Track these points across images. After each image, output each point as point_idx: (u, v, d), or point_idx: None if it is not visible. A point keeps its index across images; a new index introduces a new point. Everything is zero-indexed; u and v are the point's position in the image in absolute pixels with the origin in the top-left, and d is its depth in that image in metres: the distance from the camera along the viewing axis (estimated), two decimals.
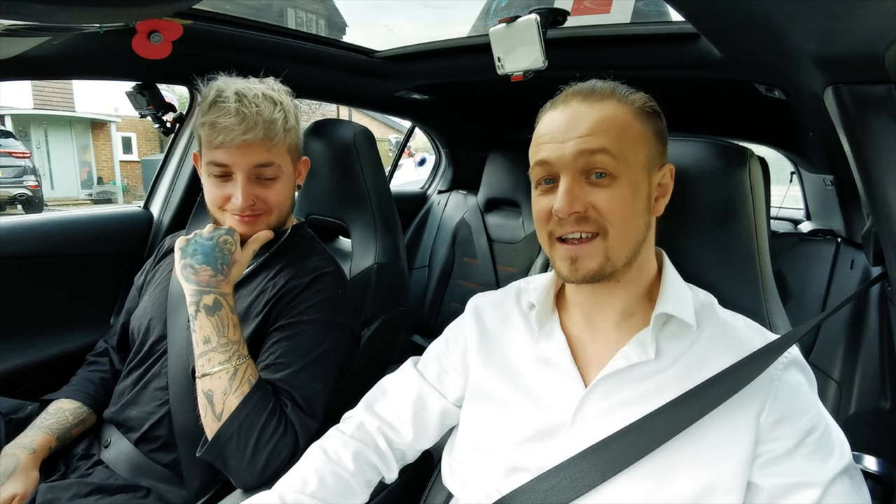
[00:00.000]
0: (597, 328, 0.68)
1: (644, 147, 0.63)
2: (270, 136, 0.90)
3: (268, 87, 0.94)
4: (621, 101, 0.63)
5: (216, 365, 0.82)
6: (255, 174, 0.92)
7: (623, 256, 0.62)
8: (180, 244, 0.89)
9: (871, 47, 0.54)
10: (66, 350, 1.29)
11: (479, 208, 2.18)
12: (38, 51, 1.00)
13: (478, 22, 1.56)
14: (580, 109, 0.62)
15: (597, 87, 0.64)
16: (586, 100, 0.63)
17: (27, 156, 9.15)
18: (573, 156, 0.61)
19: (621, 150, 0.60)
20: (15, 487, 0.85)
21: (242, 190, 0.90)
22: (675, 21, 1.12)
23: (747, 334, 0.63)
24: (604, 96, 0.63)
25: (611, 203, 0.60)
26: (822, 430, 0.57)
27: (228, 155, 0.89)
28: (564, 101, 0.65)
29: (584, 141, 0.60)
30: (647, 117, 0.64)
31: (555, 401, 0.65)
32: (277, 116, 0.91)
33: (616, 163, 0.60)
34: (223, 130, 0.87)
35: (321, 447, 0.75)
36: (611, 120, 0.61)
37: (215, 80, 0.94)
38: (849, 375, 1.44)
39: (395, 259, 1.20)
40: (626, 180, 0.61)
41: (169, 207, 1.52)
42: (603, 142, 0.60)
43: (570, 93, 0.65)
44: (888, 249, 0.65)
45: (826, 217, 1.91)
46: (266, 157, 0.91)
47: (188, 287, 0.86)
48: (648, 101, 0.66)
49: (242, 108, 0.87)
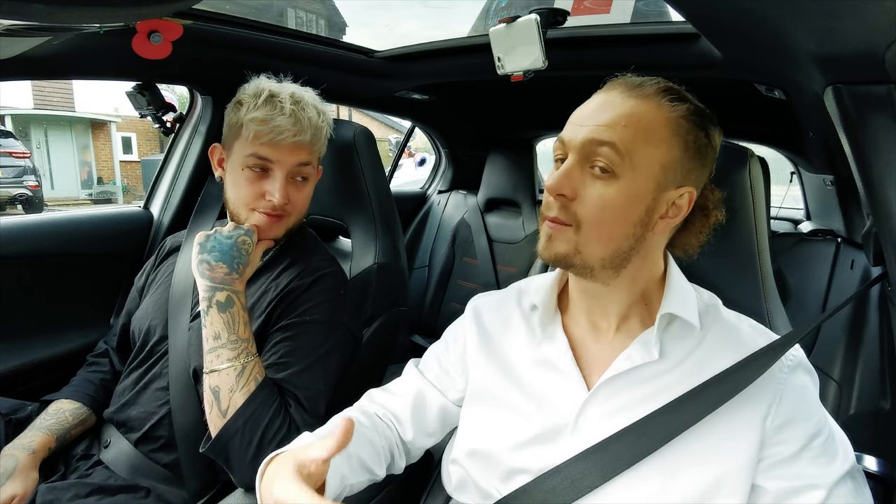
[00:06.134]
0: (599, 330, 0.67)
1: (662, 156, 0.59)
2: (315, 142, 0.96)
3: (315, 97, 1.00)
4: (661, 103, 0.60)
5: (224, 361, 0.83)
6: (294, 173, 0.95)
7: (596, 257, 0.60)
8: (200, 239, 0.90)
9: (871, 47, 0.54)
10: (66, 350, 1.29)
11: (479, 208, 2.18)
12: (38, 51, 1.00)
13: (478, 22, 1.56)
14: (614, 99, 0.60)
15: (647, 83, 0.62)
16: (627, 91, 0.61)
17: (27, 156, 9.15)
18: (582, 142, 0.59)
19: (632, 151, 0.57)
20: (14, 488, 0.85)
21: (281, 187, 0.93)
22: (675, 21, 1.12)
23: (751, 336, 0.63)
24: (646, 95, 0.60)
25: (598, 199, 0.58)
26: (827, 433, 0.57)
27: (275, 152, 0.92)
28: (608, 88, 0.63)
29: (598, 130, 0.58)
30: (686, 128, 0.60)
31: (557, 404, 0.65)
32: (322, 125, 0.98)
33: (620, 162, 0.57)
34: (276, 129, 0.91)
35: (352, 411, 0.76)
36: (635, 117, 0.58)
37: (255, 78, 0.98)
38: (849, 375, 1.44)
39: (395, 259, 1.20)
40: (626, 184, 0.58)
41: (169, 207, 1.52)
42: (615, 136, 0.57)
43: (619, 81, 0.63)
44: (888, 249, 0.65)
45: (826, 217, 1.91)
46: (308, 157, 0.96)
47: (202, 282, 0.87)
48: (698, 113, 0.61)
49: (298, 112, 0.93)
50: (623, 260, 0.61)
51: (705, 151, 0.62)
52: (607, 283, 0.63)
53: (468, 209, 2.22)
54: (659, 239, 0.64)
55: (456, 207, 2.29)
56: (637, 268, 0.64)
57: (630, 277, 0.64)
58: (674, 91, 0.61)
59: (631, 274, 0.64)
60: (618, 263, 0.62)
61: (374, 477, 0.70)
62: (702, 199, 0.65)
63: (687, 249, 0.67)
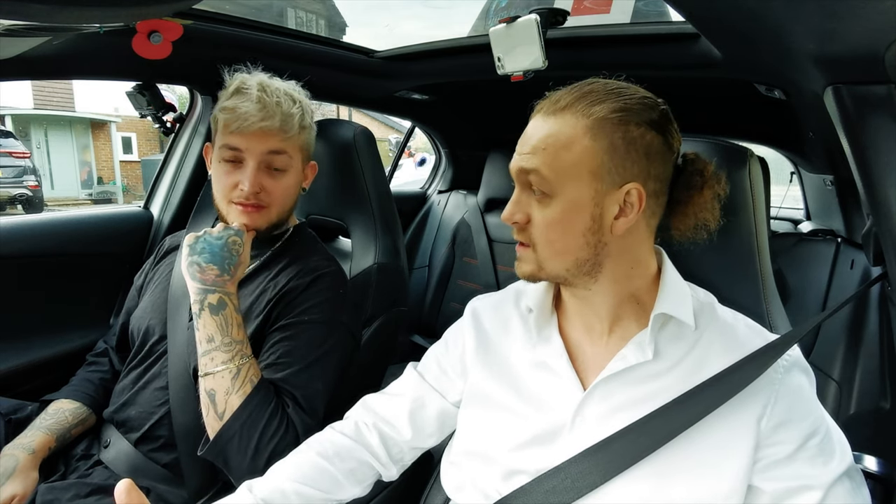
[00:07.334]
0: (594, 332, 0.67)
1: (589, 165, 0.59)
2: (286, 129, 0.93)
3: (290, 86, 0.98)
4: (578, 113, 0.60)
5: (219, 364, 0.82)
6: (266, 162, 0.94)
7: (560, 269, 0.63)
8: (189, 241, 0.90)
9: (871, 47, 0.54)
10: (65, 350, 1.29)
11: (479, 208, 2.18)
12: (38, 51, 1.00)
13: (478, 22, 1.56)
14: (536, 125, 0.63)
15: (562, 98, 0.62)
16: (546, 113, 0.63)
17: (27, 156, 9.15)
18: (516, 171, 0.64)
19: (557, 170, 0.60)
20: (14, 488, 0.85)
21: (251, 175, 0.92)
22: (675, 21, 1.12)
23: (748, 336, 0.63)
24: (562, 109, 0.61)
25: (542, 220, 0.62)
26: (823, 433, 0.57)
27: (244, 140, 0.92)
28: (535, 113, 0.65)
29: (524, 159, 0.62)
30: (607, 130, 0.59)
31: (554, 405, 0.65)
32: (295, 112, 0.95)
33: (549, 184, 0.60)
34: (242, 115, 0.90)
35: (309, 441, 0.76)
36: (551, 138, 0.60)
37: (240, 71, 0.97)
38: (849, 375, 1.44)
39: (395, 259, 1.20)
40: (562, 202, 0.60)
41: (169, 207, 1.52)
42: (537, 162, 0.60)
43: (542, 103, 0.65)
44: (888, 249, 0.65)
45: (826, 217, 1.91)
46: (280, 145, 0.94)
47: (193, 285, 0.86)
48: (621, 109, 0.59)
49: (264, 97, 0.91)
50: (591, 267, 0.62)
51: (639, 143, 0.59)
52: (588, 288, 0.65)
53: (468, 209, 2.22)
54: (630, 239, 0.63)
55: (456, 207, 2.29)
56: (615, 270, 0.63)
57: (610, 280, 0.64)
58: (593, 94, 0.61)
59: (610, 277, 0.64)
60: (587, 270, 0.63)
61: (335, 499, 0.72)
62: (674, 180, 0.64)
63: (685, 233, 0.67)
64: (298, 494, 0.68)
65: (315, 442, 0.75)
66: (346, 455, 0.73)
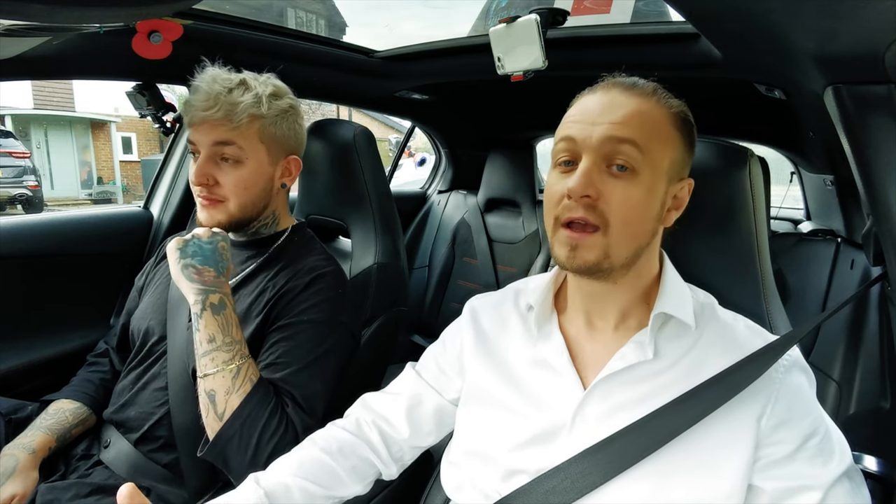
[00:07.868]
0: (595, 329, 0.67)
1: (671, 152, 0.61)
2: (231, 117, 0.90)
3: (254, 77, 0.96)
4: (660, 101, 0.61)
5: (220, 364, 0.82)
6: (216, 153, 0.93)
7: (623, 256, 0.60)
8: (178, 244, 0.89)
9: (871, 47, 0.54)
10: (66, 350, 1.29)
11: (479, 208, 2.18)
12: (38, 51, 1.00)
13: (478, 22, 1.56)
14: (619, 98, 0.61)
15: (639, 82, 0.63)
16: (627, 91, 0.61)
17: (27, 156, 9.15)
18: (600, 140, 0.58)
19: (649, 147, 0.58)
20: (14, 488, 0.85)
21: (197, 167, 0.91)
22: (675, 21, 1.12)
23: (747, 336, 0.63)
24: (645, 93, 0.61)
25: (624, 198, 0.58)
26: (822, 433, 0.57)
27: (194, 132, 0.92)
28: (605, 88, 0.63)
29: (616, 127, 0.58)
30: (681, 124, 0.62)
31: (554, 404, 0.65)
32: (245, 100, 0.91)
33: (641, 158, 0.58)
34: (191, 108, 0.91)
35: (313, 436, 0.76)
36: (646, 115, 0.59)
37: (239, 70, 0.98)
38: (849, 375, 1.44)
39: (395, 259, 1.20)
40: (646, 180, 0.58)
41: (169, 207, 1.52)
42: (634, 133, 0.58)
43: (613, 82, 0.64)
44: (888, 249, 0.65)
45: (826, 217, 1.91)
46: (227, 135, 0.91)
47: (192, 286, 0.86)
48: (686, 109, 0.64)
49: (210, 88, 0.90)
50: (636, 257, 0.62)
51: (693, 145, 0.65)
52: (616, 282, 0.63)
53: (468, 209, 2.22)
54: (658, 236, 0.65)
55: (456, 207, 2.29)
56: (643, 263, 0.65)
57: (636, 274, 0.65)
58: (664, 90, 0.64)
59: (637, 270, 0.64)
60: (633, 260, 0.62)
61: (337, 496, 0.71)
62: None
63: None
64: (301, 490, 0.68)
65: (319, 438, 0.75)
66: (348, 451, 0.73)
